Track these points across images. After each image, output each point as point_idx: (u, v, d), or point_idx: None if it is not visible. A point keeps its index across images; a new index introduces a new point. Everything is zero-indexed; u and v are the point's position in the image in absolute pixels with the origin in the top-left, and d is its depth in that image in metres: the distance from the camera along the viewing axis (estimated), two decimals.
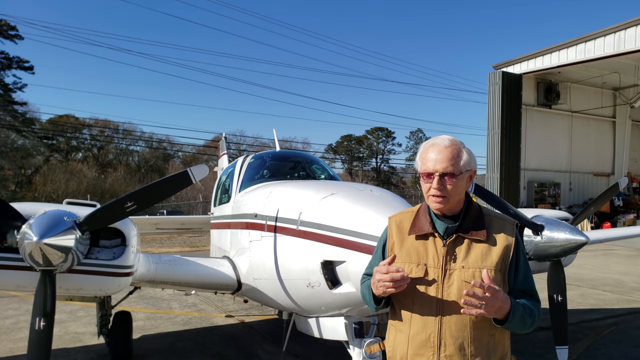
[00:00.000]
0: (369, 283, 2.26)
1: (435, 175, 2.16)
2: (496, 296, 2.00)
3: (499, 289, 2.02)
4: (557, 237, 4.78)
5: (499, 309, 2.02)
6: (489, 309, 2.00)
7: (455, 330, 2.12)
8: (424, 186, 2.22)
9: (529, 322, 2.16)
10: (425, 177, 2.20)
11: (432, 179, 2.17)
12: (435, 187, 2.16)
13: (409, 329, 2.19)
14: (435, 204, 2.19)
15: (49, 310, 3.67)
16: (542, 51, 21.90)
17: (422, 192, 2.27)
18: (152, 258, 5.07)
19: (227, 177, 6.96)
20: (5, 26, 32.91)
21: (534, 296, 2.26)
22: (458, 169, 2.17)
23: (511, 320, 2.07)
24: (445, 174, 2.15)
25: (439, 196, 2.16)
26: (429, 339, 2.14)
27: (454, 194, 2.18)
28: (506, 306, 2.04)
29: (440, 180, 2.15)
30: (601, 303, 9.46)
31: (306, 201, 4.07)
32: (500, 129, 22.16)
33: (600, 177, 27.79)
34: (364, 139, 62.34)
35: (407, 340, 2.19)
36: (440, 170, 2.15)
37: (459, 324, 2.11)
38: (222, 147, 12.37)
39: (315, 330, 4.19)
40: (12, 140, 34.36)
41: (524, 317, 2.12)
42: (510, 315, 2.06)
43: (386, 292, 2.10)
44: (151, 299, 9.66)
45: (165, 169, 46.51)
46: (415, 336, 2.17)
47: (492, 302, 1.99)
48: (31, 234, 3.56)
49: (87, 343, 6.87)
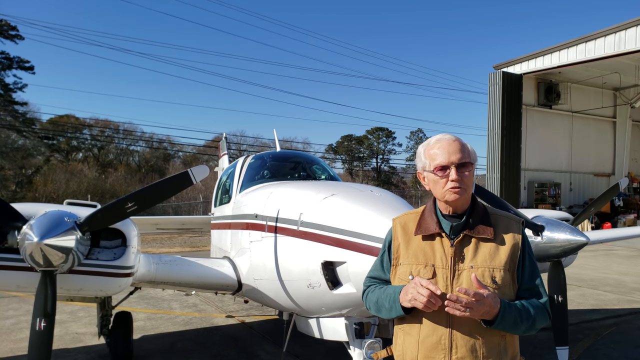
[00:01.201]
0: (390, 292, 2.21)
1: (452, 167, 2.15)
2: (482, 302, 1.98)
3: (487, 293, 2.00)
4: (557, 238, 4.78)
5: (485, 313, 2.01)
6: (475, 313, 1.99)
7: (467, 332, 2.09)
8: (439, 182, 2.18)
9: (524, 327, 2.11)
10: (438, 172, 2.17)
11: (447, 173, 2.15)
12: (453, 179, 2.14)
13: (419, 332, 2.16)
14: (454, 195, 2.15)
15: (50, 310, 3.68)
16: (542, 51, 21.90)
17: (432, 190, 2.24)
18: (153, 258, 5.07)
19: (228, 177, 6.96)
20: (5, 26, 32.90)
21: (540, 294, 2.22)
22: (471, 158, 2.20)
23: (499, 323, 2.05)
24: (461, 164, 2.16)
25: (459, 187, 2.14)
26: (440, 341, 2.11)
27: (469, 185, 2.19)
28: (494, 310, 2.02)
29: (457, 171, 2.15)
30: (601, 303, 9.45)
31: (307, 202, 4.07)
32: (500, 129, 22.14)
33: (600, 177, 27.77)
34: (364, 139, 62.31)
35: (417, 343, 2.17)
36: (456, 161, 2.15)
37: (470, 326, 2.09)
38: (222, 147, 12.38)
39: (315, 330, 4.19)
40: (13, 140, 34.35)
41: (517, 322, 2.08)
42: (499, 318, 2.04)
43: (415, 305, 2.08)
44: (151, 299, 9.66)
45: (166, 169, 46.49)
46: (426, 339, 2.14)
47: (477, 307, 1.98)
48: (32, 235, 3.56)
49: (87, 343, 6.87)
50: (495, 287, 2.11)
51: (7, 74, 33.80)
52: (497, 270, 2.13)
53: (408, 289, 2.09)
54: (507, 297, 2.13)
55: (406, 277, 2.20)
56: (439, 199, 2.24)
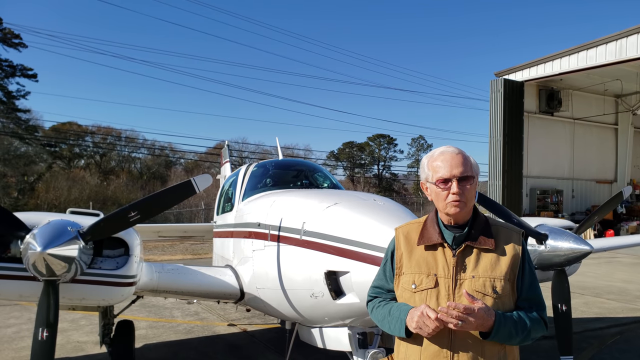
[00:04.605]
0: (396, 315, 2.23)
1: (454, 180, 2.17)
2: (474, 315, 2.01)
3: (479, 307, 2.03)
4: (561, 246, 4.77)
5: (479, 325, 2.05)
6: (467, 326, 2.03)
7: (468, 341, 2.13)
8: (440, 194, 2.21)
9: (519, 339, 2.15)
10: (440, 185, 2.20)
11: (448, 186, 2.18)
12: (454, 192, 2.17)
13: (421, 341, 2.19)
14: (454, 208, 2.19)
15: (52, 320, 3.66)
16: (543, 58, 21.95)
17: (434, 202, 2.27)
18: (155, 267, 5.06)
19: (230, 185, 6.96)
20: (9, 34, 33.14)
21: (539, 304, 2.26)
22: (473, 172, 2.22)
23: (494, 336, 2.08)
24: (462, 178, 2.18)
25: (459, 201, 2.17)
26: (442, 350, 2.15)
27: (470, 198, 2.22)
28: (488, 323, 2.05)
29: (459, 184, 2.17)
30: (605, 311, 9.40)
31: (309, 211, 4.07)
32: (502, 136, 22.16)
33: (603, 184, 27.74)
34: (366, 146, 62.37)
35: (420, 352, 2.20)
36: (458, 175, 2.18)
37: (471, 334, 2.12)
38: (224, 154, 12.40)
39: (318, 340, 4.17)
40: (15, 147, 34.45)
41: (512, 334, 2.12)
42: (494, 331, 2.07)
43: (421, 334, 2.12)
44: (153, 307, 9.64)
45: (168, 176, 46.54)
46: (428, 347, 2.17)
47: (469, 321, 2.01)
48: (35, 244, 3.55)
49: (89, 352, 6.85)
50: (495, 297, 2.15)
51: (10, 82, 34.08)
52: (498, 280, 2.17)
53: (414, 316, 2.12)
54: (506, 307, 2.18)
55: (409, 286, 2.24)
56: (441, 211, 2.27)
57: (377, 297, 2.43)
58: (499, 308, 2.14)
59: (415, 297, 2.21)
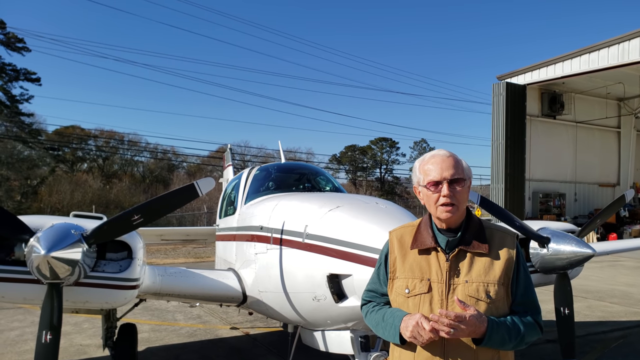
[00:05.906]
0: (390, 321, 2.21)
1: (444, 183, 2.16)
2: (466, 322, 2.00)
3: (470, 315, 2.01)
4: (563, 250, 4.77)
5: (471, 332, 2.03)
6: (459, 333, 2.02)
7: (461, 345, 2.11)
8: (431, 197, 2.20)
9: (512, 344, 2.13)
10: (431, 187, 2.19)
11: (439, 189, 2.17)
12: (445, 195, 2.15)
13: (415, 347, 2.18)
14: (445, 213, 2.17)
15: (56, 323, 3.67)
16: (546, 62, 21.97)
17: (427, 206, 2.26)
18: (158, 270, 5.07)
19: (233, 189, 6.98)
20: (13, 38, 33.31)
21: (534, 308, 2.24)
22: (464, 175, 2.21)
23: (487, 342, 2.07)
24: (453, 180, 2.17)
25: (449, 204, 2.16)
26: (435, 354, 2.13)
27: (462, 201, 2.20)
28: (480, 329, 2.04)
29: (449, 187, 2.16)
30: (608, 315, 9.37)
31: (312, 214, 4.08)
32: (504, 139, 22.17)
33: (605, 187, 27.70)
34: (368, 149, 62.41)
35: (413, 358, 2.19)
36: (449, 177, 2.16)
37: (464, 339, 2.11)
38: (227, 158, 12.42)
39: (320, 343, 4.17)
40: (19, 151, 34.57)
41: (505, 339, 2.10)
42: (486, 338, 2.06)
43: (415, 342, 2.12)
44: (156, 310, 9.65)
45: (170, 179, 46.65)
46: (421, 353, 2.16)
47: (461, 328, 2.00)
48: (39, 247, 3.57)
49: (92, 355, 6.86)
50: (489, 302, 2.13)
51: (13, 86, 34.25)
52: (492, 284, 2.14)
53: (408, 325, 2.10)
54: (500, 311, 2.16)
55: (402, 290, 2.23)
56: (433, 215, 2.27)
57: (371, 301, 2.42)
58: (492, 313, 2.12)
59: (409, 302, 2.20)
